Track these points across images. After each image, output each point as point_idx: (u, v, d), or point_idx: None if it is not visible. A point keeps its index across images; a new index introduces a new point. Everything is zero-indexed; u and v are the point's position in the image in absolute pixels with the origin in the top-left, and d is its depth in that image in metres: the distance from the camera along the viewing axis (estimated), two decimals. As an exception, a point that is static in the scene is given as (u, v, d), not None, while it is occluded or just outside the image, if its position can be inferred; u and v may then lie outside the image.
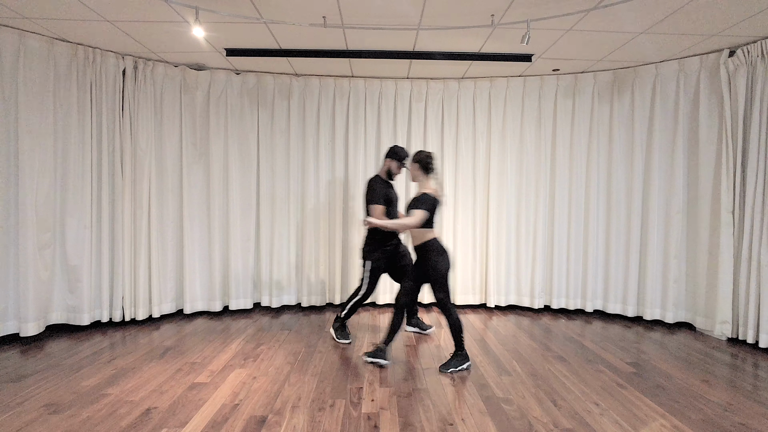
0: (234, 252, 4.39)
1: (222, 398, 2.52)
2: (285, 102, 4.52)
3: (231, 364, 3.03)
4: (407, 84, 4.61)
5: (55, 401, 2.46)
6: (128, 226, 3.94)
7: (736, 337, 3.67)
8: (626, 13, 3.05)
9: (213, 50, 3.84)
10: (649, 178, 4.16)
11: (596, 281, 4.47)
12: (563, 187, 4.51)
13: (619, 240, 4.34)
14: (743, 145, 3.61)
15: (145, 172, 4.01)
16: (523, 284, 4.64)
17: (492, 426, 2.24)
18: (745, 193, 3.56)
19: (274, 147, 4.51)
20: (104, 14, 3.14)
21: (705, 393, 2.65)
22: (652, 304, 4.15)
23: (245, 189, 4.45)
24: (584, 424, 2.25)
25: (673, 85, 4.03)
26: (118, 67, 3.89)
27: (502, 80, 4.57)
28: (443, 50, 3.86)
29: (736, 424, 2.29)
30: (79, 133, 3.73)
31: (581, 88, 4.44)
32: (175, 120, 4.23)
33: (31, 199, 3.44)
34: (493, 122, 4.60)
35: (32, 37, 3.44)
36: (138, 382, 2.72)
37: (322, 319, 4.20)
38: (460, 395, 2.59)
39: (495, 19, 3.19)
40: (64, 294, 3.75)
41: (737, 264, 3.65)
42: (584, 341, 3.63)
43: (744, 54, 3.51)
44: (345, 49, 3.83)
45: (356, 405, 2.45)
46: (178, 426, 2.20)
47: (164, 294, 4.20)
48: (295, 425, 2.22)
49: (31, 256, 3.44)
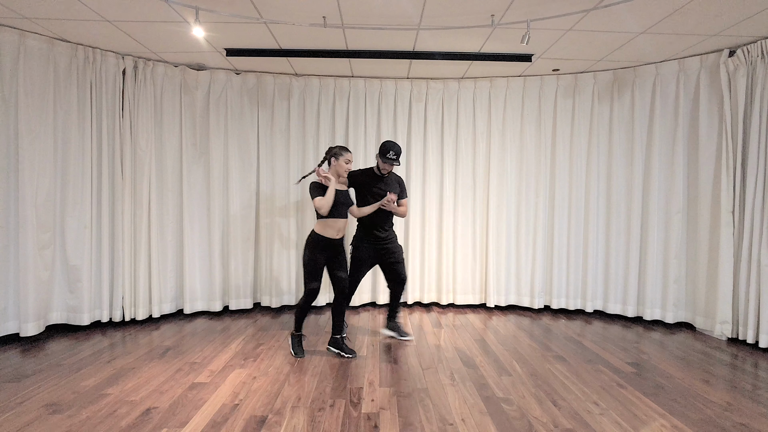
0: (234, 252, 4.39)
1: (222, 398, 2.52)
2: (285, 102, 4.52)
3: (231, 364, 3.03)
4: (407, 84, 4.61)
5: (55, 401, 2.46)
6: (128, 226, 3.94)
7: (736, 337, 3.67)
8: (626, 13, 3.05)
9: (213, 50, 3.84)
10: (649, 178, 4.16)
11: (596, 281, 4.47)
12: (563, 187, 4.51)
13: (619, 240, 4.34)
14: (743, 145, 3.61)
15: (145, 172, 4.01)
16: (523, 284, 4.64)
17: (492, 426, 2.24)
18: (745, 193, 3.56)
19: (274, 147, 4.51)
20: (104, 14, 3.14)
21: (705, 393, 2.65)
22: (652, 304, 4.15)
23: (245, 189, 4.45)
24: (584, 424, 2.25)
25: (673, 85, 4.03)
26: (118, 67, 3.89)
27: (502, 80, 4.57)
28: (443, 50, 3.86)
29: (736, 424, 2.29)
30: (79, 133, 3.73)
31: (581, 88, 4.44)
32: (175, 120, 4.23)
33: (31, 199, 3.44)
34: (493, 122, 4.60)
35: (32, 37, 3.44)
36: (138, 382, 2.72)
37: (322, 319, 4.20)
38: (460, 395, 2.59)
39: (495, 19, 3.18)
40: (64, 294, 3.75)
41: (737, 264, 3.65)
42: (584, 341, 3.63)
43: (744, 54, 3.51)
44: (345, 49, 3.83)
45: (356, 405, 2.45)
46: (178, 426, 2.20)
47: (164, 294, 4.20)
48: (295, 425, 2.22)
49: (31, 256, 3.44)
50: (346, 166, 3.21)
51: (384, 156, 3.32)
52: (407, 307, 4.69)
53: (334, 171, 3.23)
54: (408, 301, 4.71)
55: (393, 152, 3.30)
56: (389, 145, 3.31)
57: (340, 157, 3.19)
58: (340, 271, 3.21)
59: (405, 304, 4.78)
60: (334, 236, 3.14)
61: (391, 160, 3.31)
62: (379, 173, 3.45)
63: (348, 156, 3.21)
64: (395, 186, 3.49)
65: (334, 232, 3.13)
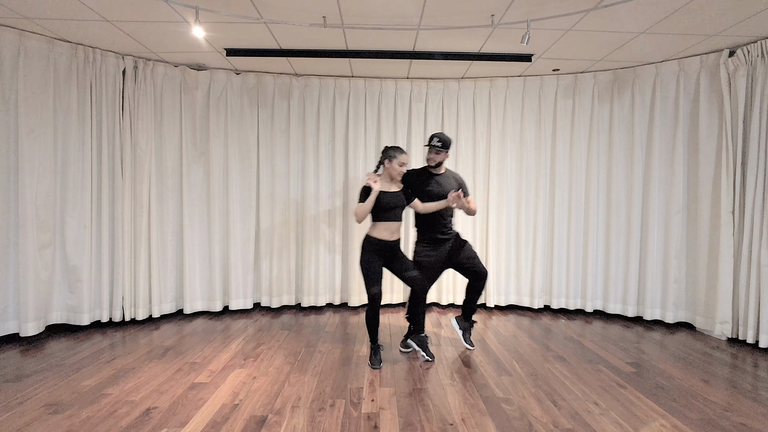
0: (234, 252, 4.39)
1: (222, 398, 2.52)
2: (285, 102, 4.52)
3: (231, 364, 3.03)
4: (407, 84, 4.61)
5: (55, 401, 2.46)
6: (128, 226, 3.94)
7: (736, 337, 3.67)
8: (626, 13, 3.05)
9: (213, 50, 3.84)
10: (649, 178, 4.16)
11: (596, 281, 4.47)
12: (563, 187, 4.51)
13: (619, 240, 4.34)
14: (743, 145, 3.61)
15: (145, 172, 4.01)
16: (523, 284, 4.64)
17: (492, 426, 2.24)
18: (745, 193, 3.56)
19: (274, 147, 4.51)
20: (104, 14, 3.14)
21: (705, 393, 2.65)
22: (652, 304, 4.15)
23: (245, 189, 4.45)
24: (584, 424, 2.25)
25: (673, 85, 4.03)
26: (118, 67, 3.89)
27: (502, 80, 4.57)
28: (443, 50, 3.86)
29: (736, 424, 2.29)
30: (79, 133, 3.73)
31: (581, 88, 4.44)
32: (175, 120, 4.23)
33: (31, 199, 3.44)
34: (493, 122, 4.60)
35: (32, 37, 3.44)
36: (138, 382, 2.72)
37: (321, 319, 4.20)
38: (460, 395, 2.59)
39: (495, 19, 3.18)
40: (64, 294, 3.75)
41: (737, 264, 3.65)
42: (584, 341, 3.63)
43: (744, 54, 3.51)
44: (345, 49, 3.83)
45: (356, 405, 2.45)
46: (178, 426, 2.20)
47: (164, 294, 4.20)
48: (295, 425, 2.22)
49: (31, 256, 3.44)
50: (399, 168, 3.03)
51: (428, 144, 3.18)
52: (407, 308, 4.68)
53: (387, 174, 3.08)
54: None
55: (436, 139, 3.12)
56: (434, 134, 3.17)
57: (394, 160, 3.01)
58: (408, 271, 3.05)
59: (405, 305, 4.77)
60: (389, 238, 3.01)
61: (434, 147, 3.13)
62: (433, 170, 3.26)
63: (402, 158, 3.02)
64: (452, 184, 3.26)
65: (388, 234, 3.01)
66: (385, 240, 3.01)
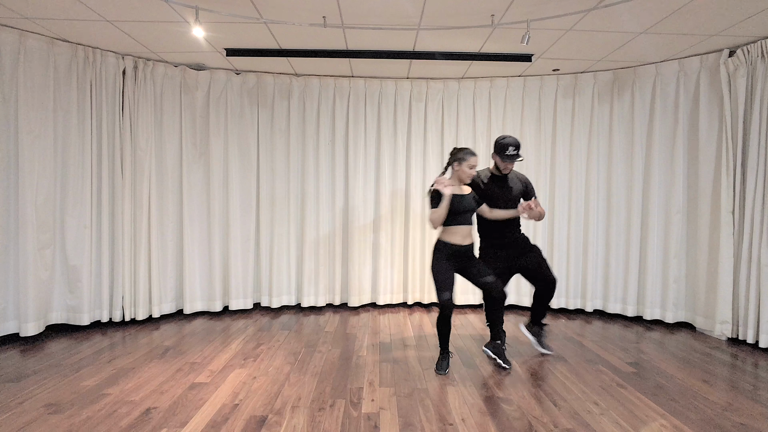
0: (234, 252, 4.39)
1: (222, 398, 2.52)
2: (285, 102, 4.52)
3: (231, 364, 3.04)
4: (407, 84, 4.61)
5: (55, 401, 2.46)
6: (128, 226, 3.94)
7: (736, 337, 3.67)
8: (626, 13, 3.05)
9: (213, 50, 3.84)
10: (649, 177, 4.16)
11: (596, 281, 4.47)
12: (563, 187, 4.51)
13: (619, 240, 4.34)
14: (743, 145, 3.61)
15: (145, 172, 4.01)
16: (523, 284, 4.64)
17: (492, 426, 2.24)
18: (745, 193, 3.56)
19: (274, 147, 4.51)
20: (104, 14, 3.14)
21: (705, 393, 2.65)
22: (652, 304, 4.15)
23: (245, 189, 4.45)
24: (584, 424, 2.25)
25: (673, 85, 4.03)
26: (118, 67, 3.89)
27: (502, 80, 4.57)
28: (443, 50, 3.86)
29: (736, 424, 2.29)
30: (79, 133, 3.73)
31: (581, 88, 4.44)
32: (175, 120, 4.23)
33: (31, 199, 3.44)
34: (493, 122, 4.60)
35: (32, 37, 3.44)
36: (138, 382, 2.72)
37: (322, 320, 4.21)
38: (460, 395, 2.59)
39: (495, 19, 3.18)
40: (64, 294, 3.75)
41: (737, 264, 3.65)
42: (584, 341, 3.63)
43: (744, 54, 3.51)
44: (345, 49, 3.83)
45: (356, 405, 2.45)
46: (178, 426, 2.20)
47: (164, 294, 4.20)
48: (295, 425, 2.22)
49: (31, 256, 3.44)
50: (469, 171, 2.88)
51: (503, 154, 2.98)
52: (407, 308, 4.69)
53: (456, 177, 2.95)
54: (408, 302, 4.71)
55: (513, 147, 2.95)
56: (507, 141, 2.95)
57: (464, 162, 2.86)
58: (483, 276, 2.92)
59: (405, 305, 4.78)
60: (460, 242, 2.89)
61: (512, 157, 2.96)
62: (498, 173, 3.12)
63: (473, 161, 2.86)
64: (518, 186, 3.14)
65: (460, 239, 2.89)
66: (457, 245, 2.89)
